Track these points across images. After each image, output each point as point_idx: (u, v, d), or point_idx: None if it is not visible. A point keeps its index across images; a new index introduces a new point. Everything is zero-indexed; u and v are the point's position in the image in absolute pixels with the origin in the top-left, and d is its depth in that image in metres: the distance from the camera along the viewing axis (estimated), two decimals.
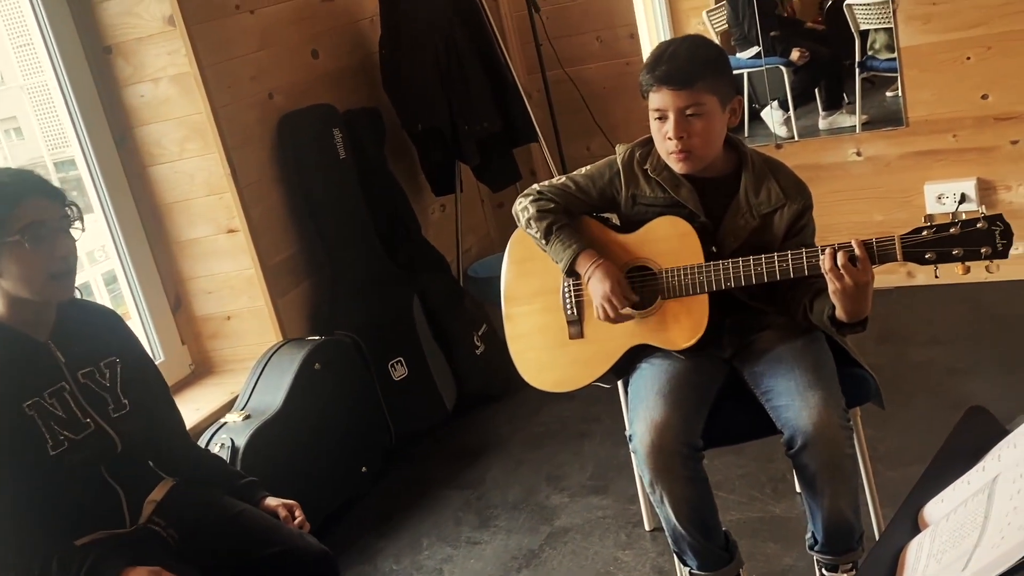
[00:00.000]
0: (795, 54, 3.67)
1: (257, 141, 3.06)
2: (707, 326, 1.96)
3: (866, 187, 3.62)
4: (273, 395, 2.77)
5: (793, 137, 3.72)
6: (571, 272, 2.02)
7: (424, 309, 3.37)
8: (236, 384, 2.96)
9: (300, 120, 3.14)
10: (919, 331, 3.26)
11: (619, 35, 4.01)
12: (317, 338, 2.99)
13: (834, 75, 3.68)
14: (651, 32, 3.72)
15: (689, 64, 1.87)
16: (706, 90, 1.87)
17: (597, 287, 1.97)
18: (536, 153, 4.20)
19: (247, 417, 2.69)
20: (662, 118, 1.93)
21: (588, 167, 2.11)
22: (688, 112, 1.89)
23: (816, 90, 3.72)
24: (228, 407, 2.84)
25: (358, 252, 3.24)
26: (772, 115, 3.74)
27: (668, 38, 3.63)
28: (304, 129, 3.14)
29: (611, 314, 1.97)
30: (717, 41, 3.54)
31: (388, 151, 3.48)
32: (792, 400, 1.86)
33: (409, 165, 3.71)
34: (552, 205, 2.05)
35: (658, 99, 1.91)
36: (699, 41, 1.93)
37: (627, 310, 1.97)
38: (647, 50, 3.64)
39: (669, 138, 1.92)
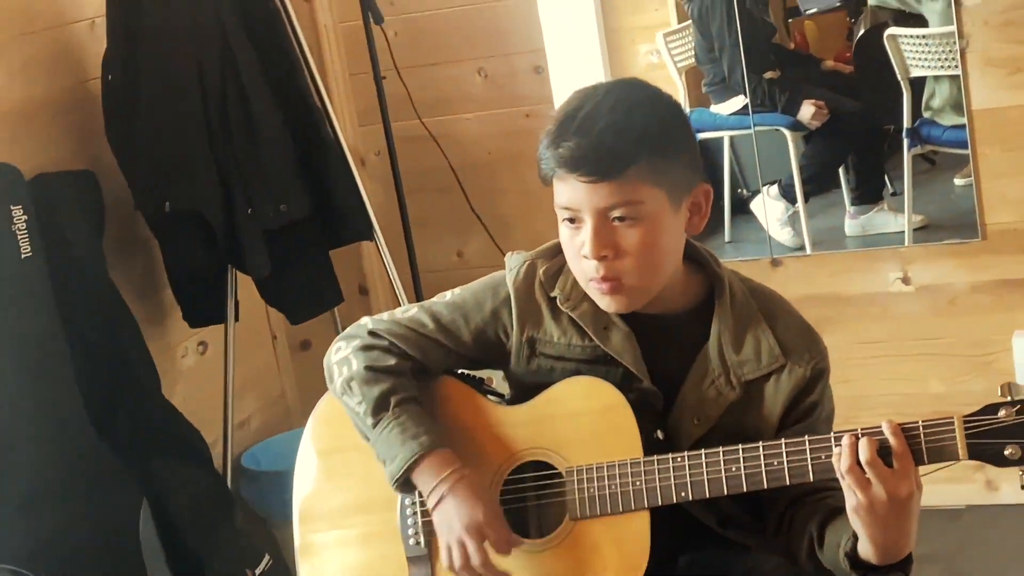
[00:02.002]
0: (807, 110, 3.76)
1: None
2: (648, 569, 1.96)
3: (918, 336, 3.69)
4: None
5: (802, 247, 3.80)
6: (406, 484, 2.05)
7: (160, 526, 3.27)
8: None
9: None
10: None
11: (517, 67, 4.06)
12: None
13: (870, 147, 3.79)
14: (569, 64, 3.82)
15: (615, 137, 1.92)
16: (645, 180, 1.93)
17: (451, 518, 1.99)
18: (370, 259, 4.22)
19: None
20: (574, 221, 1.98)
21: (458, 289, 2.17)
22: (615, 216, 1.94)
23: (841, 170, 3.81)
24: None
25: (41, 423, 3.17)
26: (768, 208, 3.82)
27: (601, 79, 3.64)
28: None
29: (474, 564, 1.98)
30: (680, 85, 3.82)
31: (109, 247, 3.47)
32: None
33: (145, 272, 3.71)
34: (392, 361, 2.08)
35: (566, 192, 1.96)
36: (635, 95, 1.99)
37: (503, 562, 1.99)
38: (562, 94, 3.40)
39: (586, 257, 1.97)
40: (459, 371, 2.16)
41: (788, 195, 3.81)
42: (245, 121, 3.49)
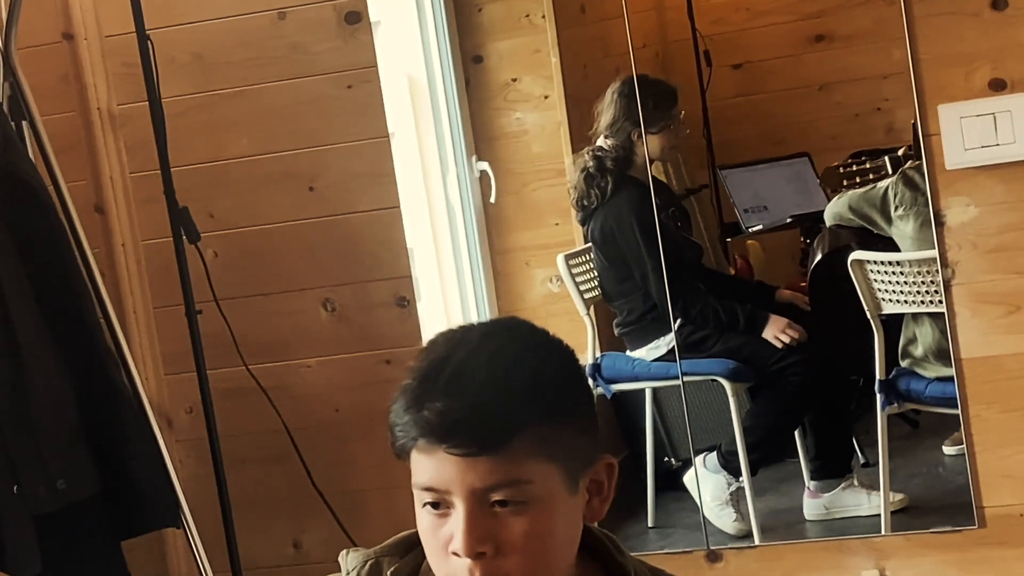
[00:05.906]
0: (776, 325, 3.78)
1: None
2: None
3: None
4: None
5: (748, 535, 3.75)
6: None
7: None
8: None
9: None
10: None
11: (374, 298, 3.92)
12: None
13: (833, 404, 3.84)
14: (442, 296, 3.87)
15: (498, 397, 1.80)
16: (535, 452, 1.83)
17: None
18: (176, 553, 4.04)
19: None
20: (439, 507, 1.84)
21: None
22: (496, 500, 1.82)
23: (797, 434, 3.86)
24: None
25: None
26: (704, 484, 3.81)
27: (484, 315, 3.86)
28: None
29: None
30: (589, 322, 3.94)
31: None
32: None
33: None
34: None
35: (430, 468, 1.83)
36: (519, 341, 1.88)
37: None
38: (433, 333, 3.59)
39: (456, 554, 1.84)
40: None
41: (730, 466, 3.77)
42: (11, 369, 3.38)
